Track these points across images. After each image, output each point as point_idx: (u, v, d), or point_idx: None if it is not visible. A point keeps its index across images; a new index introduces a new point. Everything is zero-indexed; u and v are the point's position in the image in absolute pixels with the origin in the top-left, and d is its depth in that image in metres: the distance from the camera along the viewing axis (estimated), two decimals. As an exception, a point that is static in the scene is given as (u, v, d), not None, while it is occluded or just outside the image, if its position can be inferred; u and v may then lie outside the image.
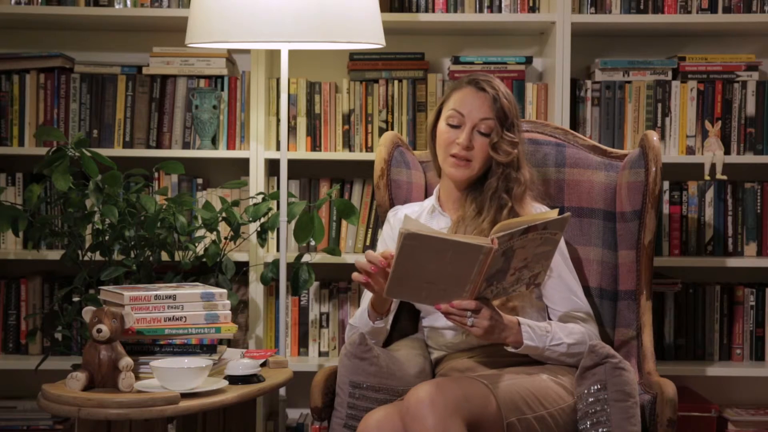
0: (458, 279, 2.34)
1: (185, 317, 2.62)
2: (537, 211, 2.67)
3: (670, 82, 3.45)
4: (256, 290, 3.44)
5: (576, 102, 3.46)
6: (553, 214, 2.40)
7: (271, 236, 3.39)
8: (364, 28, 3.00)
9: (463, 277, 2.33)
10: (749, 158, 3.45)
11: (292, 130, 3.45)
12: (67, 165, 3.04)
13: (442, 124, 2.68)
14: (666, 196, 3.46)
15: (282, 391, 3.16)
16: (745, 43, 3.63)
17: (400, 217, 2.79)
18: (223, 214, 3.19)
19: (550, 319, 2.66)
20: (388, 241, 2.78)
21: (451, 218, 2.72)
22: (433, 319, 2.70)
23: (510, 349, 2.53)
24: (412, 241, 2.28)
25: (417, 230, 2.30)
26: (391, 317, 2.70)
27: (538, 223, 2.33)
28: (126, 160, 3.39)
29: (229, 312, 2.69)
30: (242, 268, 3.38)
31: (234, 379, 2.59)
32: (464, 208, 2.69)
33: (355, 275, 2.49)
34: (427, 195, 2.93)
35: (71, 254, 3.13)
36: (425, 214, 2.76)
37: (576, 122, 3.45)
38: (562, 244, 2.64)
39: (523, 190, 2.67)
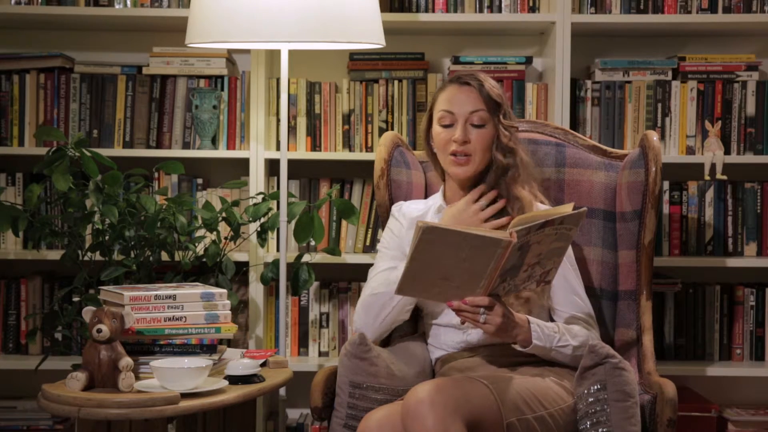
0: (473, 274, 2.33)
1: (185, 317, 2.62)
2: (537, 204, 2.68)
3: (670, 82, 3.45)
4: (256, 290, 3.43)
5: (576, 102, 3.45)
6: (568, 208, 2.39)
7: (271, 236, 3.39)
8: (364, 28, 2.99)
9: (478, 272, 2.32)
10: (749, 158, 3.45)
11: (292, 130, 3.45)
12: (67, 165, 3.04)
13: (436, 128, 2.69)
14: (666, 196, 3.46)
15: (282, 391, 3.16)
16: (745, 43, 3.63)
17: (405, 212, 2.78)
18: (223, 214, 3.19)
19: (551, 318, 2.66)
20: (395, 231, 2.77)
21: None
22: (435, 318, 2.70)
23: (518, 347, 2.53)
24: (430, 235, 2.26)
25: (435, 224, 2.29)
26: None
27: (554, 218, 2.32)
28: (126, 160, 3.39)
29: (229, 312, 2.69)
30: (242, 268, 3.38)
31: (234, 379, 2.58)
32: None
33: None
34: (427, 195, 2.92)
35: (71, 254, 3.13)
36: (432, 213, 2.76)
37: (576, 122, 3.45)
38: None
39: (519, 174, 2.68)
